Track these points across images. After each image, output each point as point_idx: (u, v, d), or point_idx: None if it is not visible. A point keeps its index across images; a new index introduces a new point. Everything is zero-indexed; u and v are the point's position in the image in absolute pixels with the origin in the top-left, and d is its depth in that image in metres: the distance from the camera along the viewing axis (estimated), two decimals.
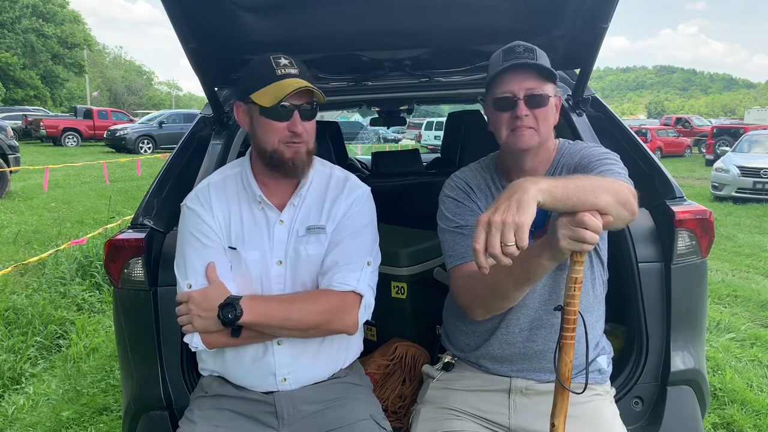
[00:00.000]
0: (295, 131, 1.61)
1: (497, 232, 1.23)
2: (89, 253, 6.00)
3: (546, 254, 1.39)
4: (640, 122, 38.31)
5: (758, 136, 14.85)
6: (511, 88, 1.62)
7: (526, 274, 1.46)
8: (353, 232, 1.69)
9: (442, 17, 2.12)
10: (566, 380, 1.41)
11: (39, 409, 3.55)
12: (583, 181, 1.36)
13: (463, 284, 1.66)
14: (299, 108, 1.61)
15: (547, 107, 1.64)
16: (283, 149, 1.62)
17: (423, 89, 2.56)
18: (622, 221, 1.41)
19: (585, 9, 2.03)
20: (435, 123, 28.55)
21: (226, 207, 1.71)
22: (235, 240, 1.68)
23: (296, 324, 1.60)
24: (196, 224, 1.67)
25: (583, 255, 1.35)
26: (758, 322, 5.10)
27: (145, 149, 24.20)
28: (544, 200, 1.27)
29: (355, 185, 1.77)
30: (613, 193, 1.35)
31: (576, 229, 1.29)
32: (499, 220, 1.23)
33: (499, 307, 1.62)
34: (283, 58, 1.63)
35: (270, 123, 1.61)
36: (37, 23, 41.14)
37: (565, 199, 1.30)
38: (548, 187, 1.28)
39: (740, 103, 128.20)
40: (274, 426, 1.67)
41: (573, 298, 1.37)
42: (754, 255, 7.68)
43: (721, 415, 3.36)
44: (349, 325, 1.64)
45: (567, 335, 1.39)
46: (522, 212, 1.23)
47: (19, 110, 30.44)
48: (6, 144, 10.93)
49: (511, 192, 1.28)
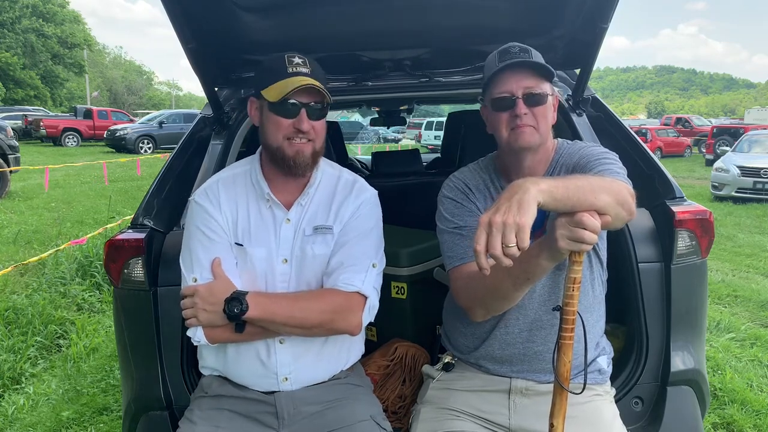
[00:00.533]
0: (300, 128, 1.62)
1: (498, 233, 1.22)
2: (89, 253, 6.00)
3: (544, 254, 1.39)
4: (640, 122, 38.29)
5: (758, 136, 14.85)
6: (509, 87, 1.63)
7: (525, 274, 1.45)
8: (360, 234, 1.70)
9: (442, 17, 2.12)
10: (565, 380, 1.40)
11: (39, 409, 3.55)
12: (582, 181, 1.36)
13: (462, 285, 1.66)
14: (307, 106, 1.63)
15: (546, 105, 1.65)
16: (287, 146, 1.64)
17: (423, 89, 2.56)
18: (621, 221, 1.41)
19: (585, 9, 2.03)
20: (435, 123, 28.55)
21: (234, 203, 1.72)
22: (242, 236, 1.69)
23: (300, 322, 1.60)
24: (203, 219, 1.68)
25: (582, 255, 1.35)
26: (758, 322, 5.10)
27: (145, 149, 24.20)
28: (544, 201, 1.27)
29: (363, 188, 1.79)
30: (611, 193, 1.35)
31: (574, 229, 1.29)
32: (500, 221, 1.23)
33: (499, 308, 1.62)
34: (297, 57, 1.66)
35: (276, 119, 1.63)
36: (37, 23, 41.15)
37: (565, 200, 1.29)
38: (548, 188, 1.28)
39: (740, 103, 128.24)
40: (274, 426, 1.67)
41: (572, 299, 1.37)
42: (754, 255, 7.69)
43: (721, 415, 3.36)
44: (353, 326, 1.64)
45: (566, 335, 1.39)
46: (523, 213, 1.23)
47: (19, 110, 30.45)
48: (6, 144, 10.94)
49: (512, 192, 1.27)
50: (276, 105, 1.62)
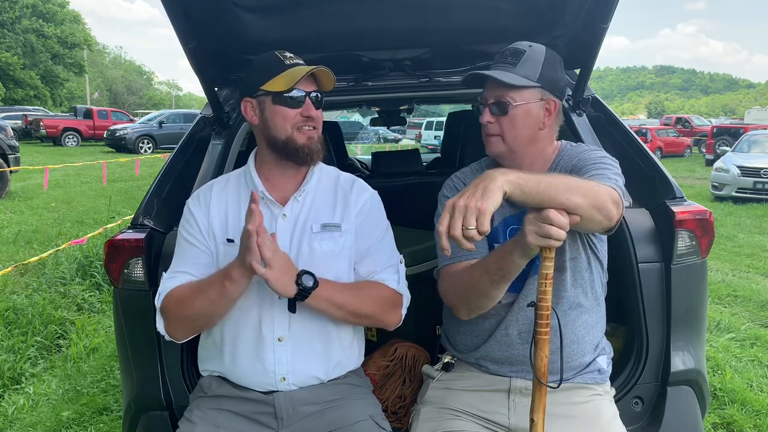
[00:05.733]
0: (309, 115, 1.67)
1: (460, 216, 1.27)
2: (89, 253, 6.01)
3: (517, 251, 1.42)
4: (640, 122, 38.27)
5: (758, 136, 14.85)
6: (485, 94, 1.67)
7: (500, 271, 1.49)
8: (379, 236, 1.77)
9: (442, 17, 2.12)
10: (542, 375, 1.42)
11: (39, 409, 3.55)
12: (558, 179, 1.38)
13: (447, 283, 1.70)
14: (309, 95, 1.68)
15: (512, 115, 1.64)
16: (297, 136, 1.67)
17: (423, 89, 2.56)
18: (596, 224, 1.42)
19: (585, 9, 2.03)
20: (435, 123, 28.54)
21: (224, 203, 1.75)
22: (233, 233, 1.71)
23: (356, 308, 1.65)
24: (185, 222, 1.76)
25: (552, 251, 1.37)
26: (758, 322, 5.10)
27: (145, 149, 24.19)
28: (511, 191, 1.30)
29: (364, 187, 1.82)
30: (587, 196, 1.36)
31: (542, 224, 1.32)
32: (463, 205, 1.27)
33: (480, 306, 1.64)
34: (288, 53, 1.71)
35: (283, 110, 1.67)
36: (37, 23, 41.10)
37: (534, 194, 1.32)
38: (517, 180, 1.32)
39: (740, 103, 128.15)
40: (273, 427, 1.67)
41: (545, 294, 1.39)
42: (754, 255, 7.68)
43: (721, 415, 3.36)
44: (395, 321, 1.74)
45: (541, 330, 1.41)
46: (485, 199, 1.26)
47: (19, 110, 30.40)
48: (6, 144, 10.92)
49: (480, 180, 1.32)
50: (282, 97, 1.65)
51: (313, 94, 1.69)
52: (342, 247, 1.72)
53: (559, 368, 1.55)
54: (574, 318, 1.70)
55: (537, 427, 1.43)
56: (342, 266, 1.73)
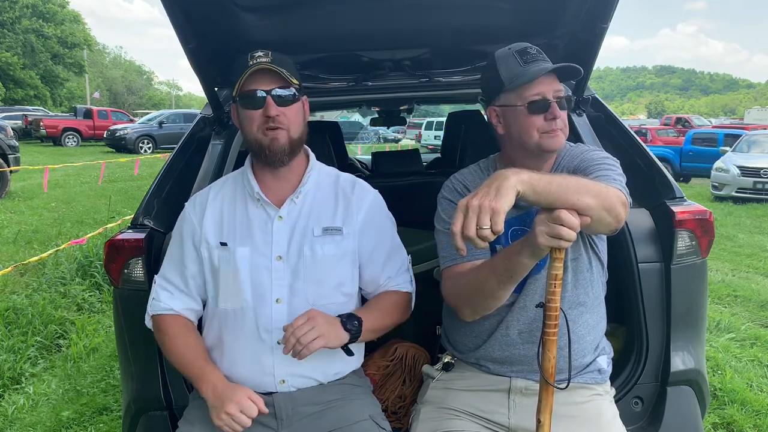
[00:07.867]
0: (269, 115, 1.63)
1: (474, 216, 1.26)
2: (89, 253, 6.00)
3: (526, 251, 1.41)
4: (640, 122, 38.24)
5: (758, 136, 14.84)
6: (542, 89, 1.62)
7: (508, 272, 1.48)
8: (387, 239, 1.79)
9: (443, 17, 2.12)
10: (550, 376, 1.41)
11: (39, 409, 3.55)
12: (569, 180, 1.38)
13: (451, 285, 1.69)
14: (270, 93, 1.63)
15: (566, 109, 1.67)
16: (261, 137, 1.65)
17: (423, 89, 2.56)
18: (605, 226, 1.42)
19: (585, 9, 2.03)
20: (435, 123, 28.51)
21: (219, 205, 1.76)
22: (227, 236, 1.71)
23: (386, 326, 1.75)
24: (179, 224, 1.80)
25: (562, 252, 1.36)
26: (758, 322, 5.10)
27: (145, 149, 24.19)
28: (524, 191, 1.30)
29: (366, 188, 1.81)
30: (598, 196, 1.36)
31: (553, 225, 1.31)
32: (477, 204, 1.27)
33: (485, 307, 1.63)
34: (260, 51, 1.65)
35: (247, 112, 1.66)
36: (37, 23, 41.08)
37: (545, 194, 1.32)
38: (530, 179, 1.31)
39: (740, 103, 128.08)
40: (273, 427, 1.67)
41: (554, 295, 1.38)
42: (754, 255, 7.68)
43: (721, 415, 3.36)
44: (404, 319, 1.81)
45: (549, 331, 1.40)
46: (499, 198, 1.26)
47: (19, 110, 30.40)
48: (6, 144, 10.91)
49: (493, 179, 1.31)
50: (243, 99, 1.65)
51: (275, 92, 1.63)
52: (345, 251, 1.72)
53: (567, 368, 1.55)
54: (575, 318, 1.70)
55: (544, 427, 1.43)
56: (345, 270, 1.73)
